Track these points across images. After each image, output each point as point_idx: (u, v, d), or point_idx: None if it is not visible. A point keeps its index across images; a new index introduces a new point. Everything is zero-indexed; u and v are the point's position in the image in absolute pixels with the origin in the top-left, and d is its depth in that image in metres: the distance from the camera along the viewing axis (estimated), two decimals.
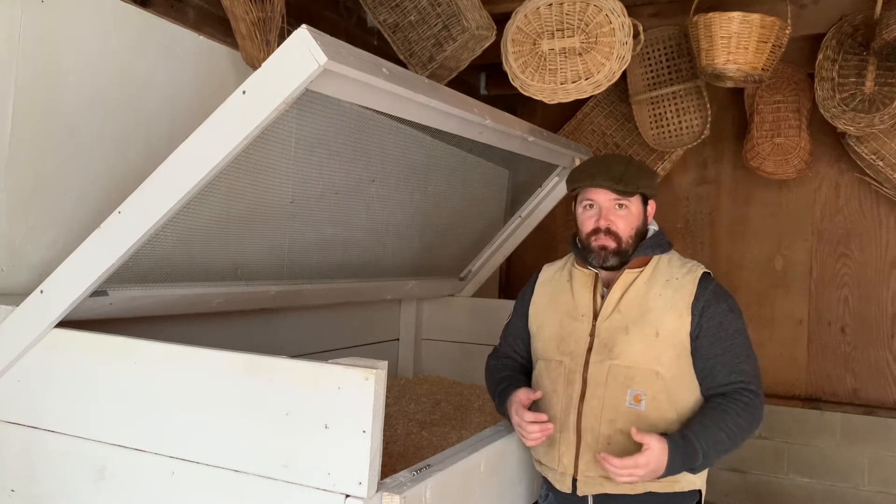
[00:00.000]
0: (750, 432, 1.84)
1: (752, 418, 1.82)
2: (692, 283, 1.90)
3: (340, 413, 1.42)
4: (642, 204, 1.98)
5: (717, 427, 1.79)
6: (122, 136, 2.25)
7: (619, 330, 1.90)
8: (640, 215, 1.97)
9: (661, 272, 1.94)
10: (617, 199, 1.93)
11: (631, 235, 1.94)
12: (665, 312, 1.88)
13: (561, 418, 1.91)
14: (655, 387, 1.85)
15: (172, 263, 1.93)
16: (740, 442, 1.83)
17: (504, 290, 4.62)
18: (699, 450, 1.76)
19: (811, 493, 3.74)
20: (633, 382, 1.85)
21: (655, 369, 1.85)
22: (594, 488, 1.90)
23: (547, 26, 2.80)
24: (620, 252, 1.93)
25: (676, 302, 1.88)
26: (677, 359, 1.86)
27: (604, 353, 1.89)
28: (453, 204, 3.00)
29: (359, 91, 1.66)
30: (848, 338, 3.86)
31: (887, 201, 3.76)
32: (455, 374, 3.42)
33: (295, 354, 2.11)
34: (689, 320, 1.87)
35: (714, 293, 1.90)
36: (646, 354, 1.86)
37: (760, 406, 1.84)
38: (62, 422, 1.71)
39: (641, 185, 1.94)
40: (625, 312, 1.91)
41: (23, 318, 1.72)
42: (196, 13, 2.52)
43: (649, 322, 1.88)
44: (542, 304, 2.09)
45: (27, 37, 2.00)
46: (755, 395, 1.84)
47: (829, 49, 3.22)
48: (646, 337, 1.87)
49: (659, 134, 3.68)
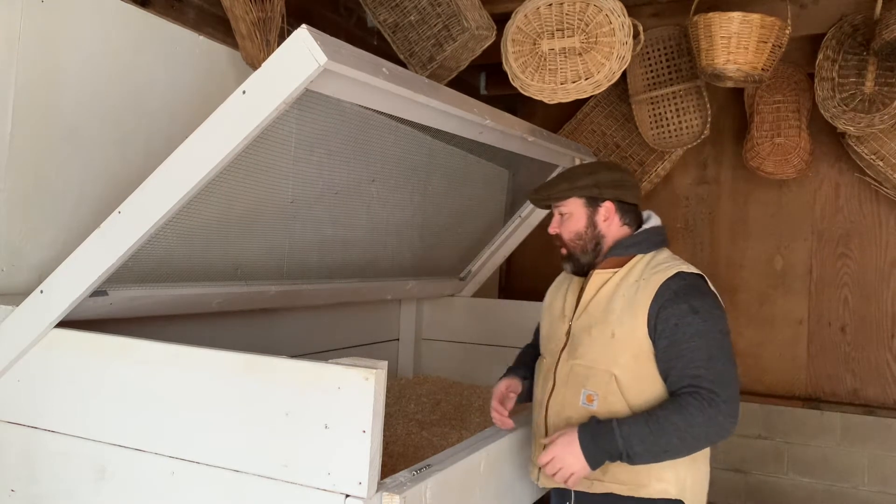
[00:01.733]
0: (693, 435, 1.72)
1: (693, 419, 1.71)
2: (655, 284, 1.84)
3: (340, 413, 1.42)
4: (586, 207, 1.97)
5: (643, 418, 1.73)
6: (122, 136, 2.25)
7: (584, 330, 1.92)
8: (583, 218, 1.97)
9: (635, 272, 1.91)
10: (555, 207, 2.01)
11: (573, 239, 1.98)
12: (623, 313, 1.85)
13: (536, 413, 2.01)
14: (609, 387, 1.83)
15: (172, 263, 1.93)
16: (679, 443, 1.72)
17: (504, 290, 4.62)
18: (616, 432, 1.72)
19: (811, 493, 3.74)
20: (588, 382, 1.87)
21: (611, 370, 1.84)
22: (551, 482, 1.91)
23: (547, 26, 2.80)
24: (571, 258, 1.99)
25: (636, 302, 1.84)
26: (635, 360, 1.83)
27: (570, 353, 1.93)
28: (453, 204, 3.00)
29: (359, 91, 1.66)
30: (848, 338, 3.85)
31: (887, 201, 3.76)
32: (455, 374, 3.42)
33: (295, 354, 2.11)
34: (646, 322, 1.82)
35: (676, 293, 1.81)
36: (604, 355, 1.86)
37: (713, 410, 1.71)
38: (62, 422, 1.71)
39: (559, 190, 1.97)
40: (591, 313, 1.92)
41: (23, 318, 1.72)
42: (196, 13, 2.52)
43: (609, 323, 1.87)
44: (547, 303, 2.15)
45: (27, 37, 2.00)
46: (706, 399, 1.71)
47: (829, 49, 3.21)
48: (604, 338, 1.87)
49: (659, 134, 3.68)
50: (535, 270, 4.58)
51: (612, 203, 1.97)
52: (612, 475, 1.84)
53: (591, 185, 1.95)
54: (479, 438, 1.97)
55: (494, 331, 3.39)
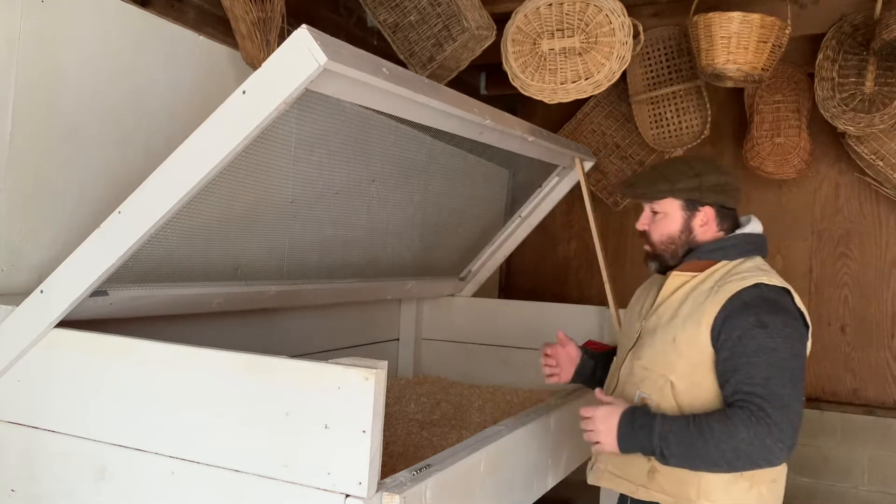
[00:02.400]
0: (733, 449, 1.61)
1: (735, 431, 1.60)
2: (728, 292, 1.75)
3: (340, 413, 1.42)
4: (684, 210, 1.87)
5: (686, 420, 1.67)
6: (122, 136, 2.25)
7: (651, 331, 1.88)
8: (677, 221, 1.87)
9: (713, 278, 1.82)
10: (649, 204, 1.92)
11: (663, 241, 1.89)
12: (688, 319, 1.79)
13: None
14: (663, 392, 1.79)
15: (172, 263, 1.93)
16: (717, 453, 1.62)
17: (504, 290, 4.62)
18: (655, 430, 1.67)
19: (811, 493, 3.73)
20: (643, 385, 1.83)
21: (667, 376, 1.79)
22: (600, 479, 1.91)
23: (547, 26, 2.80)
24: (656, 257, 1.92)
25: (703, 310, 1.77)
26: (693, 368, 1.76)
27: (635, 353, 1.90)
28: (453, 204, 3.00)
29: (359, 91, 1.66)
30: (848, 338, 3.86)
31: (887, 201, 3.76)
32: (455, 374, 3.42)
33: (295, 354, 2.11)
34: (709, 331, 1.74)
35: (746, 304, 1.72)
36: (662, 359, 1.81)
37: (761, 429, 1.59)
38: (62, 422, 1.71)
39: (658, 190, 1.87)
40: (660, 315, 1.87)
41: (23, 318, 1.72)
42: (196, 13, 2.52)
43: (672, 327, 1.82)
44: (631, 303, 2.11)
45: (27, 37, 2.00)
46: (754, 415, 1.61)
47: (829, 49, 3.21)
48: (665, 342, 1.82)
49: (659, 134, 3.68)
50: (535, 270, 4.58)
51: (713, 208, 1.86)
52: (658, 485, 1.79)
53: (694, 189, 1.85)
54: (479, 438, 1.97)
55: (494, 331, 3.39)
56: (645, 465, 1.79)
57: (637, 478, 1.81)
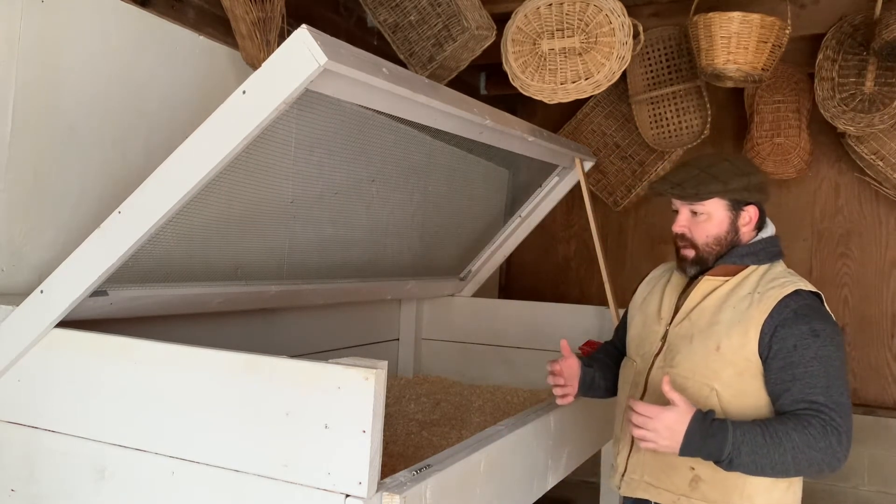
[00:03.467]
0: (808, 458, 1.61)
1: (814, 443, 1.60)
2: (773, 300, 1.73)
3: (340, 413, 1.41)
4: (729, 210, 1.83)
5: (760, 428, 1.62)
6: (122, 136, 2.25)
7: (685, 338, 1.82)
8: (722, 222, 1.83)
9: (748, 284, 1.80)
10: (688, 205, 1.84)
11: (709, 243, 1.83)
12: (732, 327, 1.75)
13: (620, 417, 1.92)
14: (708, 402, 1.73)
15: (172, 263, 1.93)
16: (789, 461, 1.60)
17: (504, 290, 4.62)
18: (729, 436, 1.60)
19: (811, 493, 3.71)
20: (685, 394, 1.73)
21: (711, 384, 1.74)
22: (636, 491, 1.85)
23: (547, 26, 2.80)
24: (700, 261, 1.85)
25: (748, 317, 1.74)
26: (739, 377, 1.73)
27: (667, 360, 1.83)
28: (453, 204, 3.00)
29: (359, 91, 1.66)
30: (848, 338, 3.85)
31: (887, 201, 3.76)
32: (455, 374, 3.42)
33: (295, 354, 2.11)
34: (758, 338, 1.71)
35: (796, 313, 1.71)
36: (704, 368, 1.76)
37: (835, 440, 1.60)
38: (62, 422, 1.71)
39: (712, 190, 1.80)
40: (694, 321, 1.82)
41: (23, 318, 1.72)
42: (196, 13, 2.52)
43: (714, 334, 1.77)
44: (639, 301, 2.05)
45: (27, 37, 2.00)
46: (828, 424, 1.61)
47: (829, 49, 3.22)
48: (706, 349, 1.77)
49: (659, 134, 3.68)
50: (535, 270, 4.58)
51: (757, 207, 1.85)
52: (700, 493, 1.75)
53: (743, 188, 1.81)
54: (479, 438, 1.97)
55: (494, 331, 3.39)
56: (688, 473, 1.75)
57: (679, 487, 1.77)
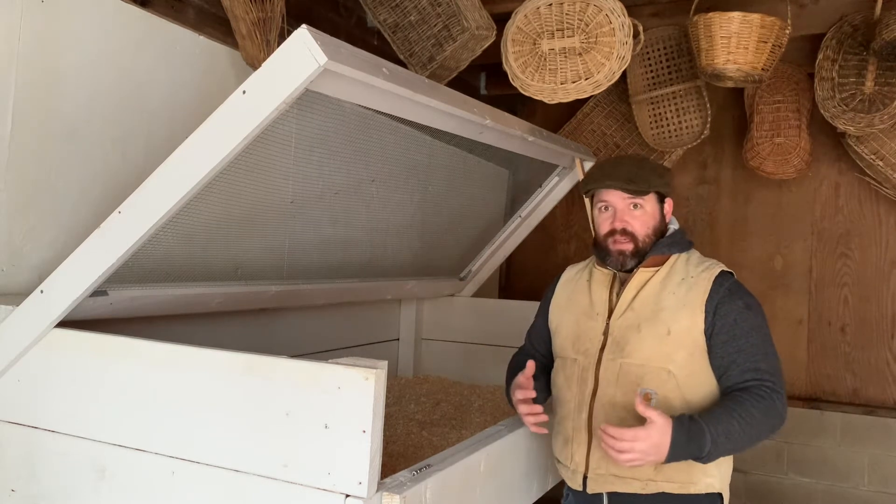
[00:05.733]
0: (767, 426, 1.77)
1: (768, 411, 1.76)
2: (707, 281, 1.88)
3: (340, 413, 1.42)
4: (658, 203, 1.97)
5: (728, 415, 1.73)
6: (122, 136, 2.25)
7: (631, 328, 1.89)
8: (656, 214, 1.96)
9: (677, 271, 1.93)
10: (630, 198, 1.93)
11: (648, 235, 1.94)
12: (678, 311, 1.86)
13: (573, 416, 1.93)
14: (667, 385, 1.82)
15: (172, 263, 1.93)
16: (755, 435, 1.75)
17: (504, 290, 4.62)
18: (707, 434, 1.70)
19: (811, 493, 3.74)
20: (643, 381, 1.84)
21: (667, 368, 1.83)
22: (604, 486, 1.89)
23: (547, 26, 2.80)
24: (639, 253, 1.94)
25: (690, 300, 1.86)
26: (690, 357, 1.84)
27: (616, 352, 1.89)
28: (453, 204, 3.00)
29: (359, 91, 1.66)
30: (848, 338, 3.86)
31: (887, 201, 3.76)
32: (455, 374, 3.42)
33: (295, 354, 2.11)
34: (703, 318, 1.84)
35: (729, 290, 1.87)
36: (657, 353, 1.85)
37: (780, 402, 1.79)
38: (62, 422, 1.71)
39: (654, 184, 1.94)
40: (638, 311, 1.90)
41: (23, 318, 1.72)
42: (196, 13, 2.52)
43: (661, 320, 1.86)
44: (562, 303, 2.10)
45: (27, 37, 2.00)
46: (772, 390, 1.78)
47: (829, 49, 3.21)
48: (657, 335, 1.86)
49: (659, 134, 3.68)
50: (535, 270, 4.58)
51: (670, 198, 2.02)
52: (666, 475, 1.83)
53: (667, 183, 1.99)
54: (479, 438, 1.97)
55: (494, 331, 3.39)
56: None
57: (645, 473, 1.83)
